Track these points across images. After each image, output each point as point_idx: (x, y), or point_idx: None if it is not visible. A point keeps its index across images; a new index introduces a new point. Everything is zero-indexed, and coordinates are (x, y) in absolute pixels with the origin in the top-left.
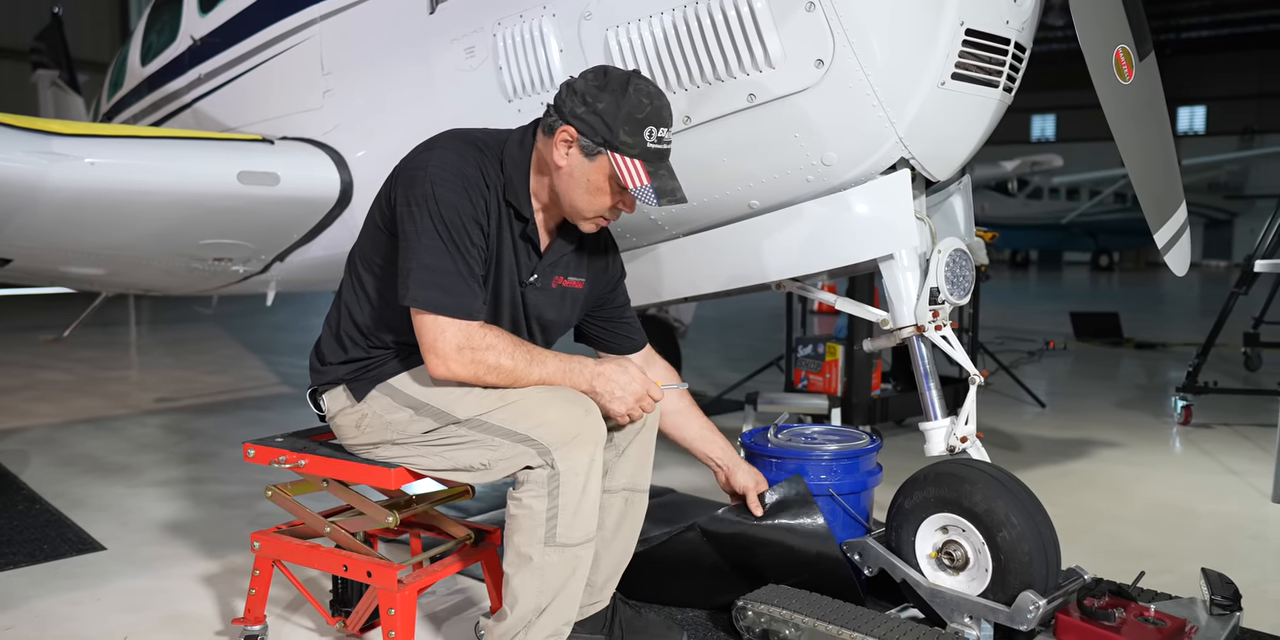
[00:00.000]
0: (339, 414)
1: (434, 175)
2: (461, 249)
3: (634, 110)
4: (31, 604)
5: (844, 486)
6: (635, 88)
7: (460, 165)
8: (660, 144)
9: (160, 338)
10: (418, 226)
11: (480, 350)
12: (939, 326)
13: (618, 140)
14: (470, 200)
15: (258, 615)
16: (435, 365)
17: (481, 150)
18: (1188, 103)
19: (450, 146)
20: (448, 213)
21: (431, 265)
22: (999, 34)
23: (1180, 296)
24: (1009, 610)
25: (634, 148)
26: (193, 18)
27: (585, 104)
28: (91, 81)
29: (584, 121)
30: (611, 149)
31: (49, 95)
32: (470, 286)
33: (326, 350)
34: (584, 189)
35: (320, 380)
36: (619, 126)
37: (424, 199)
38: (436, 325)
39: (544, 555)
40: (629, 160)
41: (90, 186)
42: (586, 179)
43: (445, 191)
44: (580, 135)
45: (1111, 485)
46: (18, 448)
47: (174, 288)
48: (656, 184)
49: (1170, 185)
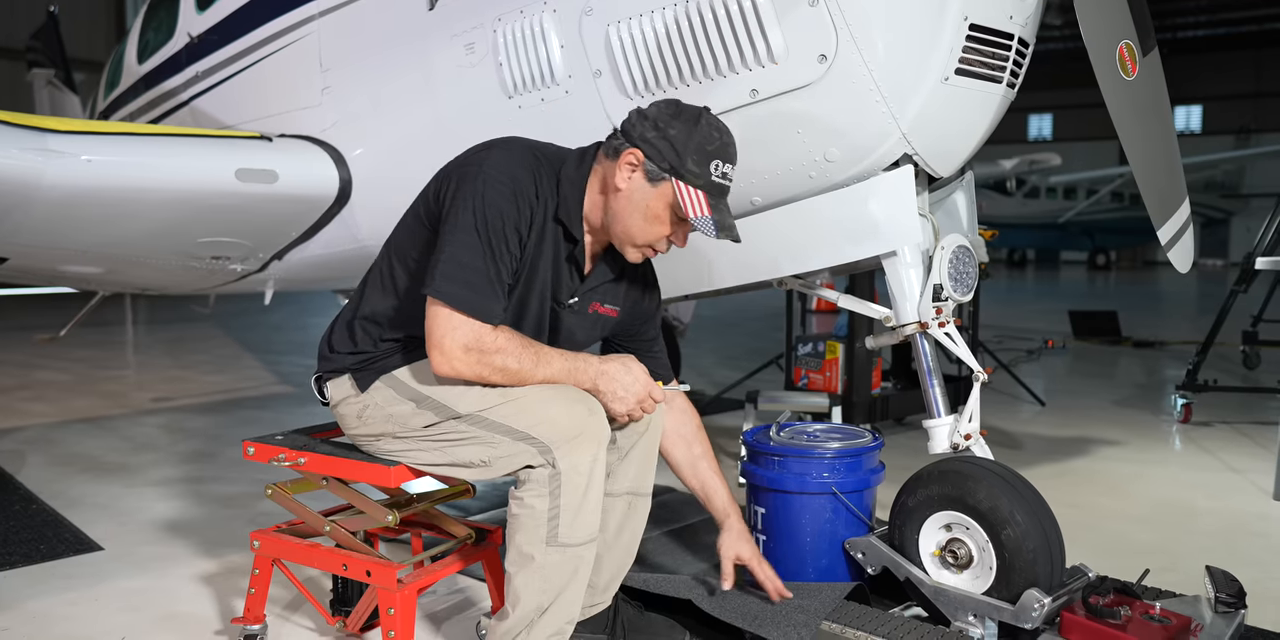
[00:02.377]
0: (342, 403)
1: (488, 174)
2: (496, 252)
3: (705, 142)
4: (28, 604)
5: (847, 485)
6: (707, 121)
7: (515, 170)
8: (724, 180)
9: (157, 337)
10: (459, 222)
11: (489, 353)
12: (942, 323)
13: (684, 168)
14: (516, 206)
15: (257, 614)
16: (439, 363)
17: (540, 160)
18: (1184, 102)
19: (510, 149)
20: (491, 214)
21: (462, 260)
22: (1003, 29)
23: (1177, 295)
24: (1013, 608)
25: (699, 178)
26: (190, 15)
27: (656, 129)
28: (88, 80)
29: (653, 146)
30: (677, 176)
31: (45, 94)
32: (495, 290)
33: (337, 339)
34: (641, 215)
35: (326, 367)
36: (688, 155)
37: (472, 196)
38: (450, 321)
39: (546, 555)
40: (693, 190)
41: (87, 184)
42: (646, 205)
43: (494, 193)
44: (647, 159)
45: (1112, 483)
46: (14, 447)
47: (171, 287)
48: (716, 217)
49: (1173, 182)
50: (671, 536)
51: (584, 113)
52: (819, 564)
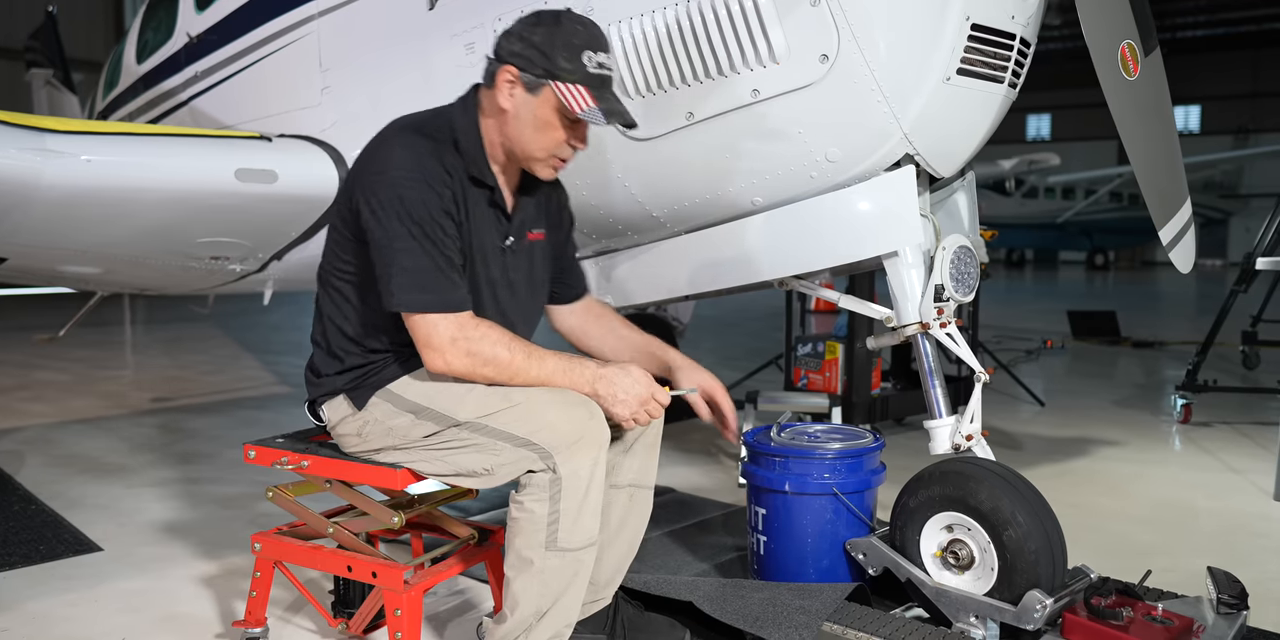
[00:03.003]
0: (340, 423)
1: (394, 177)
2: (435, 243)
3: (570, 37)
4: (28, 605)
5: (848, 485)
6: (568, 18)
7: (418, 160)
8: (601, 69)
9: (156, 337)
10: (388, 231)
11: (474, 340)
12: (943, 324)
13: (558, 68)
14: (436, 193)
15: (259, 617)
16: (433, 359)
17: (432, 137)
18: (1182, 102)
19: (404, 144)
20: (414, 210)
21: (409, 266)
22: (1005, 29)
23: (1176, 295)
24: (1015, 609)
25: (574, 73)
26: (189, 15)
27: (521, 40)
28: (86, 80)
29: (521, 57)
30: (553, 78)
31: (43, 94)
32: (450, 279)
33: (321, 363)
34: (533, 127)
35: (318, 392)
36: (556, 54)
37: (389, 203)
38: (427, 322)
39: (545, 559)
40: (572, 86)
41: (86, 184)
42: (534, 115)
43: (409, 191)
44: (521, 71)
45: (1113, 483)
46: (13, 448)
47: (170, 287)
48: (603, 106)
49: (1175, 182)
50: (672, 537)
51: None
52: (820, 565)
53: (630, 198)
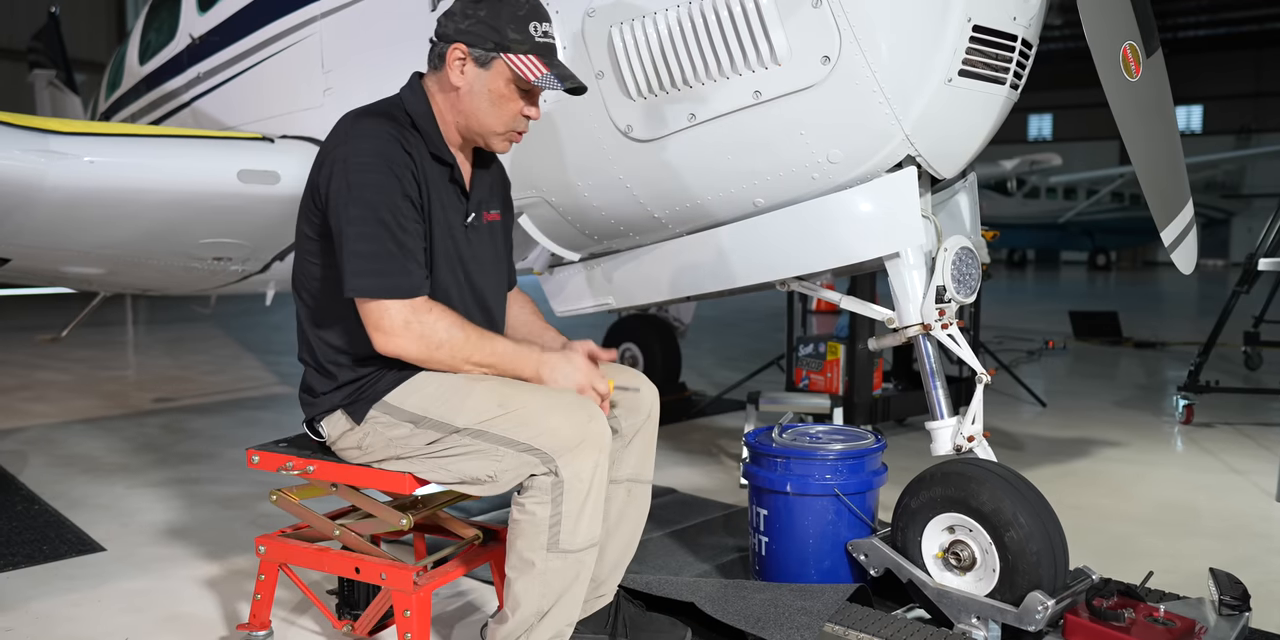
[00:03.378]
0: (340, 438)
1: (354, 164)
2: (389, 228)
3: (514, 9)
4: (31, 605)
5: (849, 486)
6: None
7: (378, 146)
8: (547, 38)
9: (157, 337)
10: (345, 216)
11: (427, 324)
12: (945, 325)
13: (508, 39)
14: (396, 176)
15: (263, 620)
16: (383, 343)
17: (390, 121)
18: (1184, 102)
19: (364, 133)
20: (371, 195)
21: (363, 251)
22: (1006, 30)
23: (1178, 295)
24: (1017, 611)
25: (524, 44)
26: (191, 16)
27: (467, 17)
28: (88, 81)
29: (470, 33)
30: (504, 50)
31: (46, 95)
32: (406, 265)
33: (314, 382)
34: (488, 101)
35: (315, 410)
36: (505, 27)
37: (346, 190)
38: (380, 307)
39: (547, 561)
40: (523, 57)
41: (89, 185)
42: (488, 89)
43: (366, 176)
44: (471, 47)
45: (1114, 484)
46: (16, 448)
47: (173, 287)
48: (556, 71)
49: (1177, 183)
50: (673, 538)
51: (585, 114)
52: (821, 565)
53: (632, 199)
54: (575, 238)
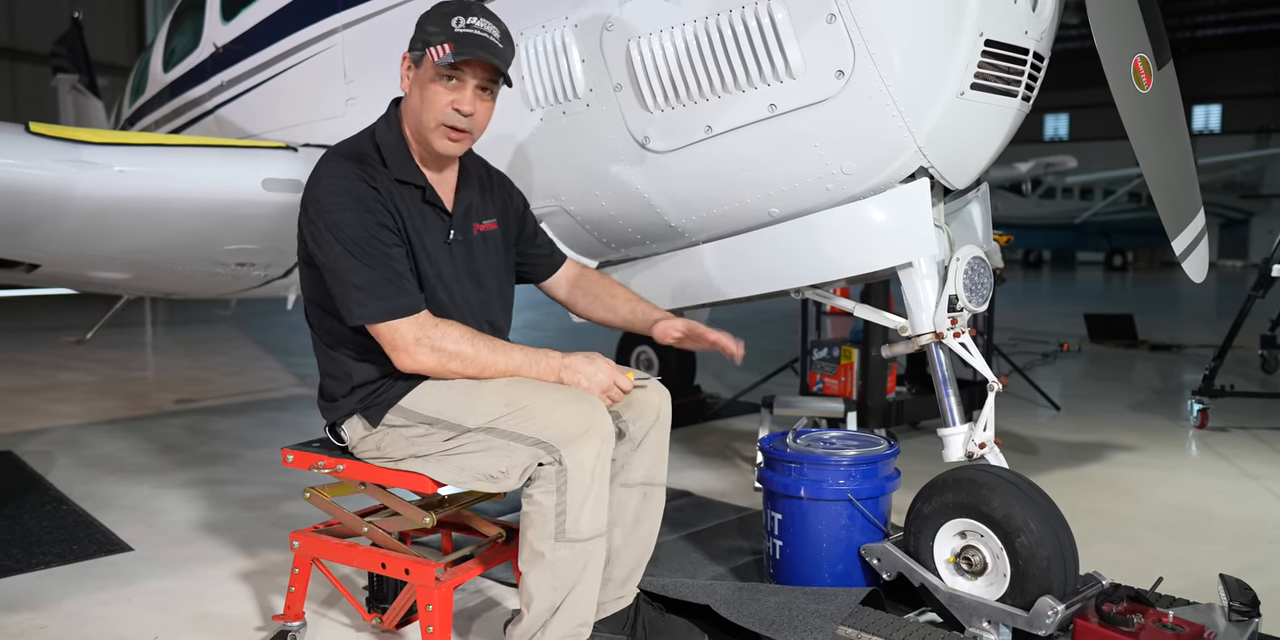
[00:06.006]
0: (360, 441)
1: (324, 205)
2: (377, 256)
3: (441, 8)
4: (63, 604)
5: (862, 491)
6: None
7: (346, 185)
8: (470, 29)
9: (177, 338)
10: (334, 254)
11: (436, 338)
12: (957, 333)
13: (428, 34)
14: (370, 211)
15: (297, 612)
16: (403, 361)
17: (359, 159)
18: (1203, 102)
19: (330, 174)
20: (352, 231)
21: (356, 282)
22: (1018, 44)
23: (1195, 297)
24: (1027, 615)
25: (442, 35)
26: (215, 25)
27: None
28: (109, 85)
29: (410, 42)
30: (426, 45)
31: (69, 99)
32: (401, 286)
33: (331, 388)
34: (420, 98)
35: (335, 415)
36: (427, 25)
37: (326, 231)
38: (390, 329)
39: (555, 551)
40: (439, 46)
41: (118, 194)
42: (421, 87)
43: (341, 215)
44: (410, 53)
45: (1127, 489)
46: (44, 448)
47: (196, 291)
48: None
49: (1188, 192)
50: (688, 541)
51: (604, 125)
52: (835, 569)
53: (649, 208)
54: (593, 246)
